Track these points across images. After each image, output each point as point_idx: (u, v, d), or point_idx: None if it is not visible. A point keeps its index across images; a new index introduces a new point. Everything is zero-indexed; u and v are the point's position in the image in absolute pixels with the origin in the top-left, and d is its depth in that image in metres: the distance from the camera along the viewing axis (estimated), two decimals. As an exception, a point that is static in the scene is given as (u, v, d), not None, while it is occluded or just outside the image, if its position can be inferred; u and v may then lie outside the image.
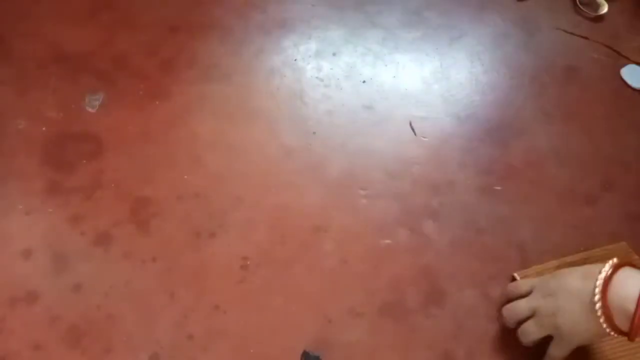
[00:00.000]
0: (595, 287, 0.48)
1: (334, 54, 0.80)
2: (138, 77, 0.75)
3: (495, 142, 0.73)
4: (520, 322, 0.55)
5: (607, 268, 0.49)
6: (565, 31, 0.85)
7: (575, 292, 0.50)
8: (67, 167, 0.67)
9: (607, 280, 0.48)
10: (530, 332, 0.54)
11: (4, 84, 0.73)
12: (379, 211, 0.66)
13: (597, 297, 0.48)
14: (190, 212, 0.65)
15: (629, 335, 0.46)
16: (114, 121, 0.71)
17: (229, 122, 0.72)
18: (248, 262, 0.62)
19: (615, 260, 0.50)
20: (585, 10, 0.85)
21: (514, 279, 0.61)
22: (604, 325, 0.47)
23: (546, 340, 0.54)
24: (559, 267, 0.60)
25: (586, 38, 0.84)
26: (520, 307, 0.56)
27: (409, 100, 0.76)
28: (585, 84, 0.79)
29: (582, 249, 0.63)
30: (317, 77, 0.77)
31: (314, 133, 0.72)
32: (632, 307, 0.45)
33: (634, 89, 0.79)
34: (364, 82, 0.77)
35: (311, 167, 0.69)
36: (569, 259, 0.62)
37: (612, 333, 0.48)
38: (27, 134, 0.70)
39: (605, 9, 0.85)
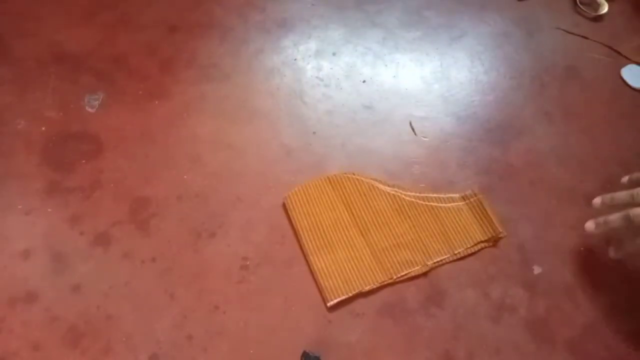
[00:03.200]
0: None
1: (333, 54, 0.80)
2: (138, 77, 0.75)
3: (495, 142, 0.73)
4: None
5: None
6: (565, 31, 0.85)
7: None
8: (67, 167, 0.67)
9: None
10: None
11: (4, 84, 0.73)
12: (379, 211, 0.66)
13: None
14: (190, 212, 0.65)
15: None
16: (113, 121, 0.71)
17: (229, 122, 0.72)
18: (248, 262, 0.62)
19: None
20: (585, 10, 0.85)
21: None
22: None
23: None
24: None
25: (586, 38, 0.84)
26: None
27: (409, 100, 0.76)
28: (585, 84, 0.79)
29: None
30: (317, 77, 0.77)
31: (314, 133, 0.72)
32: None
33: (634, 89, 0.79)
34: (363, 81, 0.77)
35: (311, 167, 0.69)
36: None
37: None
38: (27, 133, 0.70)
39: (605, 9, 0.85)
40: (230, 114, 0.73)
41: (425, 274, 0.62)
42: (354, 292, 0.60)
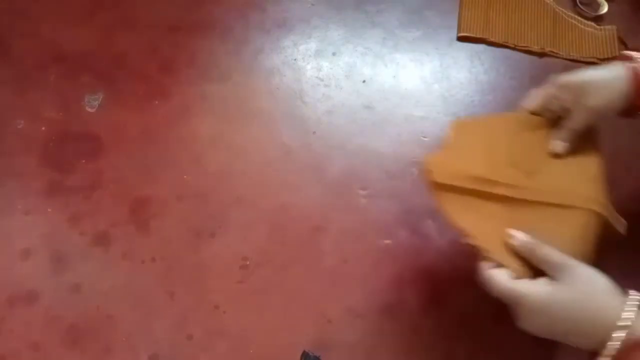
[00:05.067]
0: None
1: (333, 54, 0.79)
2: (138, 77, 0.75)
3: (495, 142, 0.73)
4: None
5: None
6: (565, 31, 0.85)
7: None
8: (67, 167, 0.67)
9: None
10: (537, 96, 0.56)
11: (4, 84, 0.73)
12: (379, 211, 0.66)
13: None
14: (190, 212, 0.65)
15: None
16: (113, 121, 0.71)
17: (229, 122, 0.72)
18: (248, 262, 0.62)
19: None
20: (585, 10, 0.85)
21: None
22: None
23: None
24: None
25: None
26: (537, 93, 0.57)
27: (409, 100, 0.76)
28: (585, 84, 0.79)
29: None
30: (317, 77, 0.77)
31: (314, 133, 0.72)
32: None
33: (634, 89, 0.79)
34: (364, 81, 0.77)
35: (311, 167, 0.69)
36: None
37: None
38: (27, 133, 0.70)
39: (605, 8, 0.84)
40: (231, 114, 0.73)
41: (539, 55, 0.79)
42: (481, 35, 0.80)
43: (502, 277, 0.46)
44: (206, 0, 0.83)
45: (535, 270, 0.46)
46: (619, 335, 0.39)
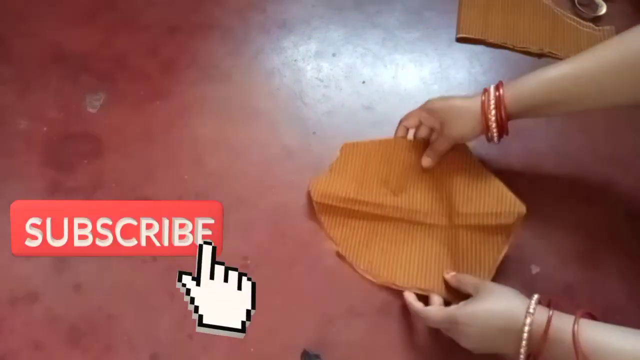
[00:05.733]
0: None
1: (333, 55, 0.80)
2: (138, 78, 0.75)
3: (494, 142, 0.73)
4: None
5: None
6: (565, 32, 0.85)
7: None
8: (68, 167, 0.68)
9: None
10: (411, 117, 0.67)
11: (5, 84, 0.73)
12: (379, 211, 0.66)
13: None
14: (191, 212, 0.65)
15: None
16: (114, 121, 0.71)
17: (229, 123, 0.72)
18: (248, 262, 0.62)
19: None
20: (584, 11, 0.85)
21: None
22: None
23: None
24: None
25: (585, 38, 0.84)
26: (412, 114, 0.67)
27: (409, 100, 0.76)
28: (584, 85, 0.79)
29: None
30: (317, 78, 0.77)
31: (314, 133, 0.72)
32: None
33: (633, 90, 0.79)
34: (363, 82, 0.77)
35: (311, 167, 0.69)
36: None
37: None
38: (28, 134, 0.70)
39: (604, 9, 0.85)
40: (231, 114, 0.73)
41: (538, 56, 0.76)
42: (480, 37, 0.79)
43: (434, 309, 0.55)
44: (206, 1, 0.84)
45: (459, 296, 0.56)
46: (528, 320, 0.47)
